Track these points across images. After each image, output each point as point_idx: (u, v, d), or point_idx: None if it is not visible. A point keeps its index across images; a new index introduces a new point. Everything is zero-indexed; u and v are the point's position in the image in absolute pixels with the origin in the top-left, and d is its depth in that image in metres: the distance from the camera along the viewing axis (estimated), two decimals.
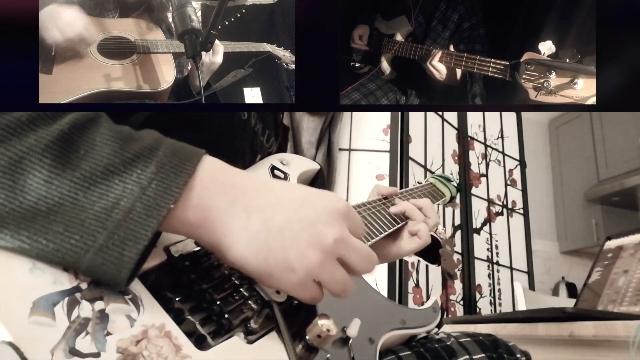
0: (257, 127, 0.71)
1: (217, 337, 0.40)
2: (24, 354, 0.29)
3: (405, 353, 0.61)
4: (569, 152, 3.63)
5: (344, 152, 2.04)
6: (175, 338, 0.37)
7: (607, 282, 1.34)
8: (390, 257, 0.77)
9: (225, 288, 0.45)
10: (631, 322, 0.94)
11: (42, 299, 0.32)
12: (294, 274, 0.40)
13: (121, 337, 0.34)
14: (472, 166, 2.37)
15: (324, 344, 0.44)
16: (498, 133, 2.59)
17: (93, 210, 0.35)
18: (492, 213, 2.38)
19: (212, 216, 0.39)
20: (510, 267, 2.34)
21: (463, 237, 2.18)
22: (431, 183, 0.98)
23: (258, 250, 0.39)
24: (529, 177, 2.64)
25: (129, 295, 0.37)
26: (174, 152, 0.39)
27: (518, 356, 0.67)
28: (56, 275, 0.34)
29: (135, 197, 0.36)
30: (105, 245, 0.34)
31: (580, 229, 3.43)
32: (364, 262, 0.44)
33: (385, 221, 0.72)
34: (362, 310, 0.53)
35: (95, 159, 0.37)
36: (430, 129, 2.19)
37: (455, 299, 2.06)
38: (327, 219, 0.42)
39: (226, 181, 0.41)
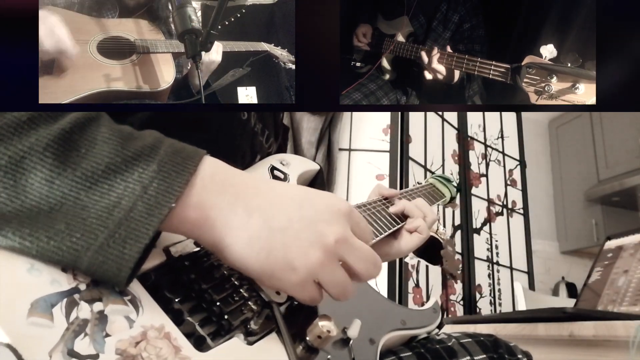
0: (256, 127, 0.71)
1: (217, 338, 0.40)
2: (21, 356, 0.29)
3: (406, 354, 0.60)
4: (569, 152, 3.63)
5: (344, 152, 2.04)
6: (174, 339, 0.36)
7: (607, 282, 1.33)
8: (391, 256, 0.77)
9: (225, 289, 0.45)
10: (631, 322, 0.93)
11: (40, 300, 0.32)
12: (294, 273, 0.40)
13: (120, 338, 0.34)
14: (472, 166, 2.37)
15: (324, 344, 0.44)
16: (498, 133, 2.59)
17: (94, 209, 0.35)
18: (492, 213, 2.38)
19: (212, 215, 0.39)
20: (510, 267, 2.34)
21: (463, 237, 2.18)
22: (431, 183, 0.98)
23: (259, 249, 0.39)
24: (529, 177, 2.65)
25: (128, 296, 0.37)
26: (176, 152, 0.39)
27: (519, 357, 0.67)
28: (54, 276, 0.34)
29: (137, 196, 0.36)
30: (106, 244, 0.34)
31: (580, 229, 3.43)
32: (366, 263, 0.43)
33: (386, 221, 0.72)
34: (362, 311, 0.53)
35: (96, 158, 0.37)
36: (430, 129, 2.19)
37: (455, 299, 2.06)
38: (329, 219, 0.42)
39: (227, 181, 0.41)
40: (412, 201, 0.79)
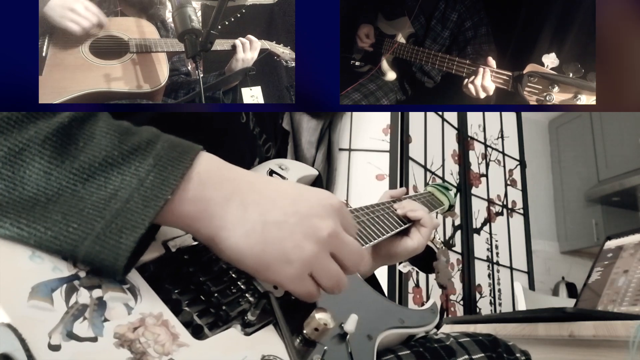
0: (255, 130, 0.71)
1: (214, 328, 0.40)
2: (22, 335, 0.29)
3: (404, 352, 0.61)
4: (569, 152, 3.63)
5: (344, 152, 2.04)
6: (172, 327, 0.37)
7: (607, 282, 1.33)
8: (400, 255, 0.79)
9: (223, 281, 0.45)
10: (631, 322, 0.94)
11: (41, 285, 0.33)
12: (290, 266, 0.40)
13: (119, 323, 0.34)
14: (472, 166, 2.37)
15: (321, 337, 0.44)
16: (498, 133, 2.59)
17: (91, 200, 0.36)
18: (492, 213, 2.38)
19: (208, 209, 0.40)
20: (510, 267, 2.34)
21: (463, 237, 2.18)
22: (430, 192, 1.00)
23: (255, 243, 0.40)
24: (529, 177, 2.64)
25: (127, 285, 0.38)
26: (172, 146, 0.40)
27: (517, 355, 0.67)
28: (55, 263, 0.35)
29: (133, 188, 0.37)
30: (102, 233, 0.35)
31: (580, 229, 3.42)
32: (354, 257, 0.44)
33: (392, 221, 0.74)
34: (360, 308, 0.53)
35: (94, 151, 0.37)
36: (430, 129, 2.19)
37: (455, 299, 2.06)
38: (322, 213, 0.43)
39: (223, 175, 0.41)
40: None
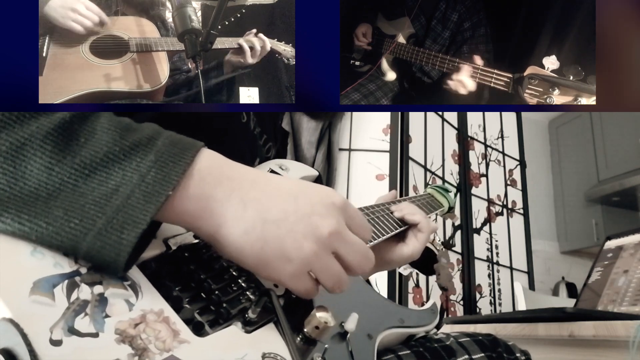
0: (256, 130, 0.71)
1: (215, 326, 0.40)
2: (23, 330, 0.29)
3: (404, 352, 0.61)
4: (569, 152, 3.63)
5: (344, 152, 2.04)
6: (173, 323, 0.37)
7: (607, 282, 1.34)
8: (395, 262, 0.78)
9: (224, 279, 0.45)
10: (631, 322, 0.94)
11: (42, 280, 0.33)
12: (290, 264, 0.40)
13: (120, 319, 0.34)
14: (472, 166, 2.37)
15: (321, 335, 0.44)
16: (498, 133, 2.59)
17: (92, 196, 0.36)
18: (492, 213, 2.38)
19: (209, 206, 0.40)
20: (510, 267, 2.34)
21: (463, 237, 2.18)
22: (429, 193, 1.00)
23: (254, 240, 0.40)
24: (529, 177, 2.64)
25: (128, 282, 0.38)
26: (173, 143, 0.40)
27: (517, 355, 0.67)
28: (57, 259, 0.35)
29: (134, 184, 0.37)
30: (104, 229, 0.35)
31: (580, 229, 3.42)
32: (358, 256, 0.44)
33: (389, 224, 0.73)
34: (360, 307, 0.53)
35: (95, 147, 0.37)
36: (430, 129, 2.19)
37: (455, 299, 2.06)
38: (323, 212, 0.42)
39: (224, 173, 0.41)
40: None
